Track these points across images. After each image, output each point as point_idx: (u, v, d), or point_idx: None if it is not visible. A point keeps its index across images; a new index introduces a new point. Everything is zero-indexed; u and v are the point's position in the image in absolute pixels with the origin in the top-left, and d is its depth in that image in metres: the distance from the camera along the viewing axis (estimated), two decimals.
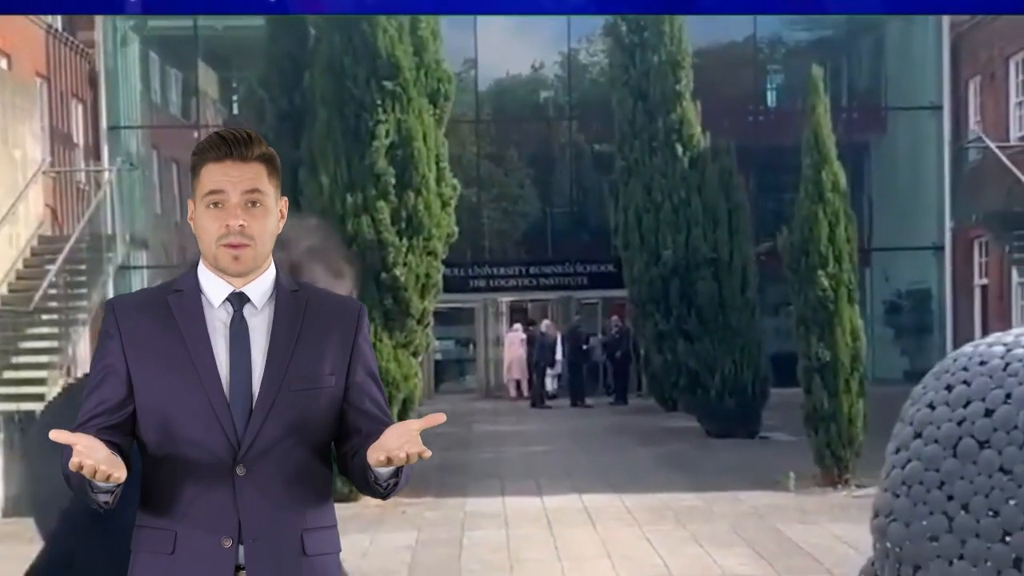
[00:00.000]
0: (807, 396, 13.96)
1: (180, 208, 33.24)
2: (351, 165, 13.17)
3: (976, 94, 27.91)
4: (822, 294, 13.73)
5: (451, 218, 13.76)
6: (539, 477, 15.28)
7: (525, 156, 32.16)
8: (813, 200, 13.83)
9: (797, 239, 13.92)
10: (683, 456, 17.02)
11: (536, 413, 24.59)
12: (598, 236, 30.28)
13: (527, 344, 26.91)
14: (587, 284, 29.05)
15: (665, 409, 22.90)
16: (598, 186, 31.01)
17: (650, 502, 13.34)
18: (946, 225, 28.60)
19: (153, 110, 32.30)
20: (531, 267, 29.56)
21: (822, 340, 13.76)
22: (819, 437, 13.86)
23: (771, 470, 15.24)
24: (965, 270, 28.16)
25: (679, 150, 18.77)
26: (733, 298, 18.50)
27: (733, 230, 18.69)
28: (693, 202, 18.63)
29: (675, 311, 18.72)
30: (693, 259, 18.54)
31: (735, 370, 18.46)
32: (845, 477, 13.85)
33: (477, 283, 29.19)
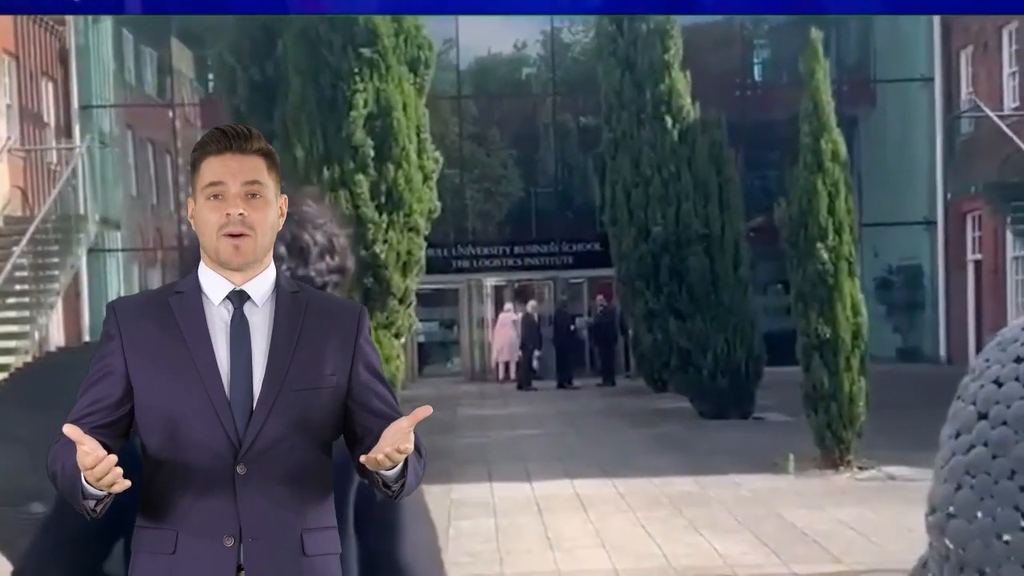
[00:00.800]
0: (806, 374, 13.39)
1: (157, 190, 32.56)
2: (327, 137, 12.55)
3: (968, 65, 27.35)
4: (821, 268, 13.15)
5: (433, 192, 13.14)
6: (528, 462, 14.70)
7: (508, 136, 31.51)
8: (812, 170, 13.25)
9: (795, 211, 13.33)
10: (676, 438, 16.46)
11: (523, 395, 24.00)
12: (583, 215, 29.77)
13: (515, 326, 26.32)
14: (573, 264, 28.47)
15: (655, 390, 22.33)
16: (582, 164, 30.46)
17: (644, 487, 12.77)
18: (938, 199, 28.09)
19: (127, 89, 31.54)
20: (516, 247, 28.95)
21: (822, 316, 13.19)
22: (819, 417, 13.31)
23: (768, 452, 14.69)
24: (958, 245, 27.65)
25: (668, 122, 18.16)
26: (725, 275, 17.93)
27: (724, 204, 18.11)
28: (683, 176, 18.03)
29: (666, 289, 18.13)
30: (684, 235, 17.95)
31: (728, 349, 17.90)
32: (847, 459, 13.30)
33: (461, 264, 28.61)
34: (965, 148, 26.69)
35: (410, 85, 12.62)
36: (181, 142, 32.40)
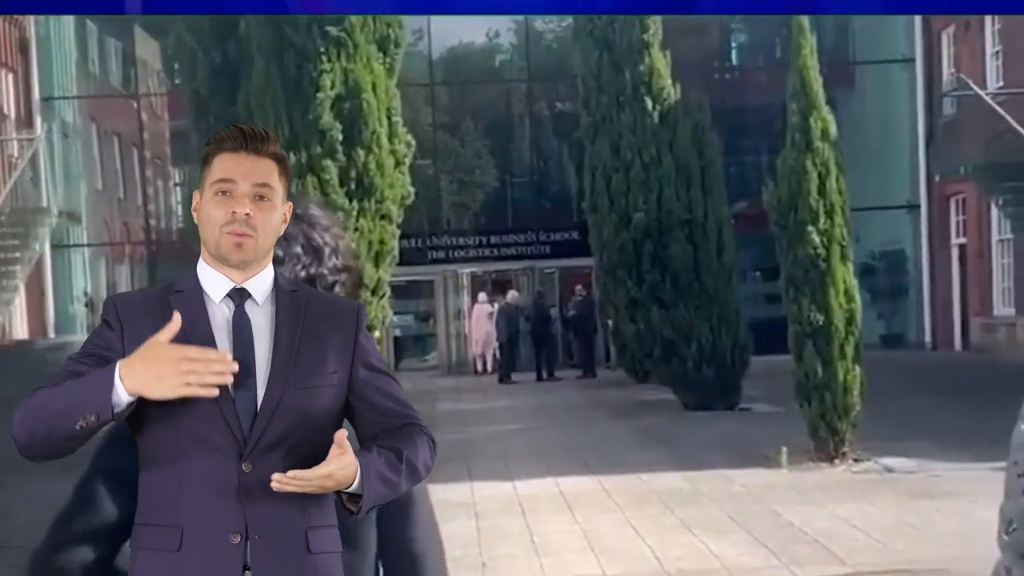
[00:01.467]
0: (798, 364, 12.84)
1: (124, 184, 31.82)
2: (293, 120, 11.91)
3: (950, 45, 26.88)
4: (813, 252, 12.60)
5: (406, 178, 12.52)
6: (510, 459, 14.10)
7: (482, 126, 30.90)
8: (800, 150, 12.69)
9: (784, 193, 12.77)
10: (661, 431, 15.90)
11: (502, 389, 23.40)
12: (560, 203, 29.30)
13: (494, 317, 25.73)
14: (550, 253, 27.92)
15: (636, 381, 21.80)
16: (558, 152, 29.94)
17: (631, 484, 12.19)
18: (921, 183, 27.63)
19: (91, 80, 30.78)
20: (492, 236, 28.36)
21: (814, 302, 12.63)
22: (812, 408, 12.75)
23: (758, 444, 14.15)
24: (942, 229, 27.21)
25: (648, 104, 17.57)
26: (709, 261, 17.37)
27: (707, 189, 17.54)
28: (664, 160, 17.45)
29: (648, 277, 17.56)
30: (666, 221, 17.37)
31: (713, 338, 17.35)
32: (842, 451, 12.76)
33: (436, 254, 28.05)
34: (948, 130, 26.20)
35: (379, 65, 11.99)
36: (148, 135, 31.69)
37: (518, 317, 25.06)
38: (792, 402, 17.89)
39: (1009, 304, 24.67)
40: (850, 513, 10.39)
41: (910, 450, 13.27)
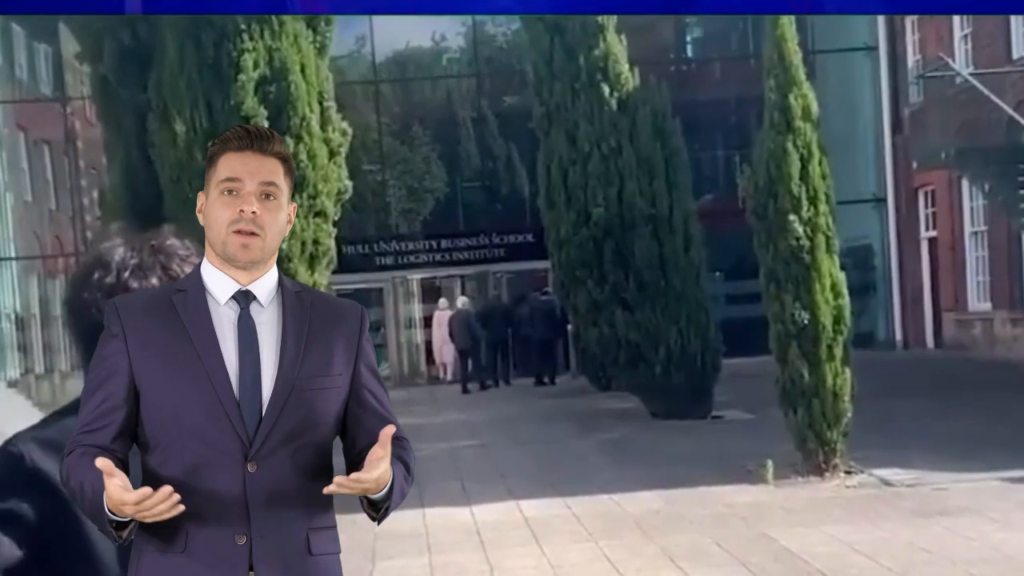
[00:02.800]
0: (782, 367, 11.62)
1: (56, 195, 30.28)
2: (212, 107, 10.57)
3: (915, 31, 25.86)
4: (796, 244, 11.40)
5: (342, 170, 11.19)
6: (466, 480, 12.79)
7: (430, 131, 29.59)
8: (780, 130, 11.48)
9: (762, 179, 11.56)
10: (631, 444, 14.63)
11: (458, 401, 22.03)
12: (513, 205, 28.07)
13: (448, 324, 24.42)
14: (504, 256, 26.61)
15: (599, 389, 20.57)
16: (508, 153, 28.70)
17: (603, 506, 10.93)
18: (888, 175, 26.58)
19: (16, 86, 29.21)
20: (442, 240, 27.03)
21: (798, 300, 11.43)
22: (798, 416, 11.54)
23: (737, 456, 12.96)
24: (910, 222, 26.17)
25: (605, 91, 16.29)
26: (675, 258, 16.13)
27: (671, 181, 16.30)
28: (625, 150, 16.19)
29: (610, 277, 16.28)
30: (628, 216, 16.11)
31: (682, 341, 16.12)
32: (833, 462, 11.56)
33: (384, 261, 26.70)
34: (917, 118, 25.19)
35: (308, 43, 10.65)
36: (81, 142, 30.13)
37: (472, 323, 23.79)
38: (766, 408, 16.84)
39: (985, 299, 23.65)
40: (852, 536, 9.17)
41: (905, 459, 12.10)
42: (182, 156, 10.47)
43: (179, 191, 10.55)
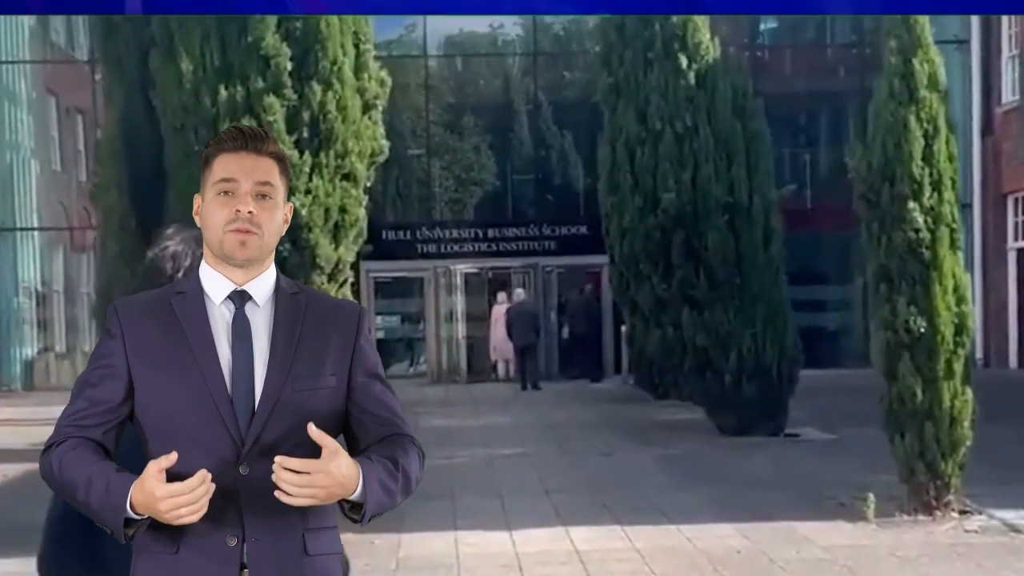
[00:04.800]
0: (889, 383, 9.75)
1: (87, 166, 28.88)
2: (225, 43, 8.88)
3: (1012, 25, 23.81)
4: (915, 236, 9.53)
5: (377, 127, 9.47)
6: (506, 497, 11.01)
7: (481, 115, 27.90)
8: (900, 101, 9.62)
9: (877, 158, 9.70)
10: (697, 462, 12.80)
11: (499, 402, 20.21)
12: (565, 196, 26.38)
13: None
14: (554, 249, 24.83)
15: (655, 396, 18.74)
16: (562, 143, 26.96)
17: (669, 539, 9.12)
18: (975, 178, 24.50)
19: (49, 48, 27.81)
20: (489, 230, 25.28)
21: (914, 303, 9.56)
22: (906, 442, 9.67)
23: (821, 484, 11.15)
24: (997, 230, 24.12)
25: (683, 62, 14.44)
26: (753, 254, 14.27)
27: (752, 167, 14.45)
28: (702, 131, 14.34)
29: (678, 272, 14.44)
30: (702, 204, 14.27)
31: (756, 348, 14.26)
32: (945, 499, 9.68)
33: (426, 248, 24.96)
34: (1009, 118, 23.17)
35: None
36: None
37: (536, 317, 22.55)
38: (845, 426, 15.02)
39: None
40: None
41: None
42: (187, 100, 8.80)
43: (182, 141, 8.89)
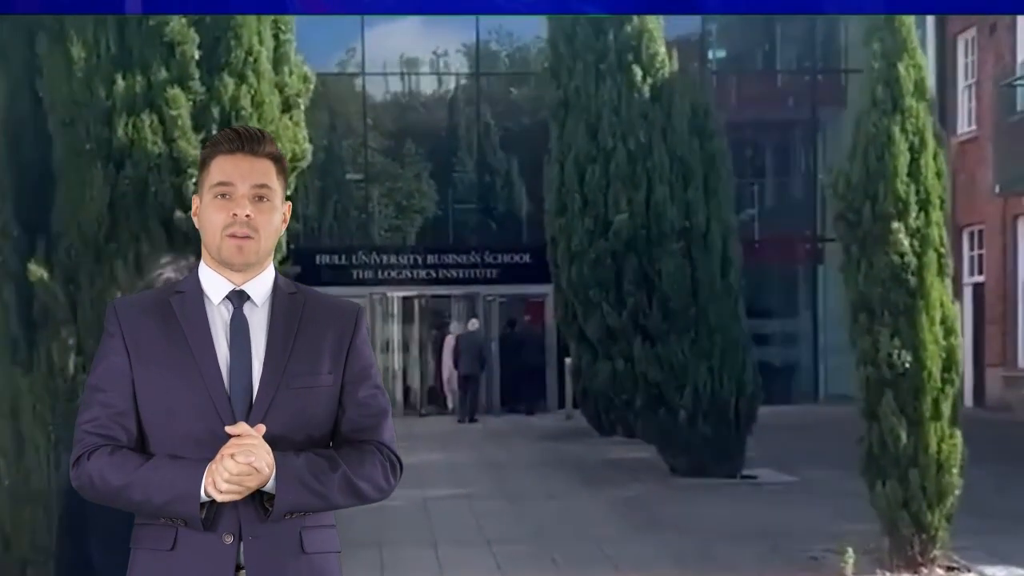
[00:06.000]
0: (869, 424, 8.77)
1: None
2: (124, 28, 7.78)
3: (969, 53, 23.16)
4: (899, 261, 8.57)
5: (299, 129, 8.36)
6: (441, 547, 9.87)
7: (422, 141, 26.90)
8: (884, 110, 8.68)
9: (857, 173, 8.74)
10: (650, 509, 11.73)
11: (435, 438, 19.01)
12: (508, 223, 25.39)
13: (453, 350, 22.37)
14: (496, 278, 23.77)
15: (600, 432, 17.66)
16: (506, 168, 25.99)
17: None
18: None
19: None
20: (429, 256, 24.19)
21: (897, 335, 8.59)
22: (887, 490, 8.66)
23: (789, 533, 10.17)
24: (954, 266, 23.36)
25: (637, 75, 13.45)
26: (711, 282, 13.27)
27: (710, 189, 13.48)
28: (657, 149, 13.33)
29: (630, 300, 13.41)
30: (656, 228, 13.25)
31: (712, 383, 13.25)
32: (931, 554, 8.68)
33: (362, 274, 23.81)
34: (965, 150, 22.50)
35: None
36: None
37: (483, 347, 21.97)
38: (804, 468, 14.05)
39: None
40: None
41: (1008, 553, 9.25)
42: (79, 91, 7.68)
43: (72, 138, 7.76)
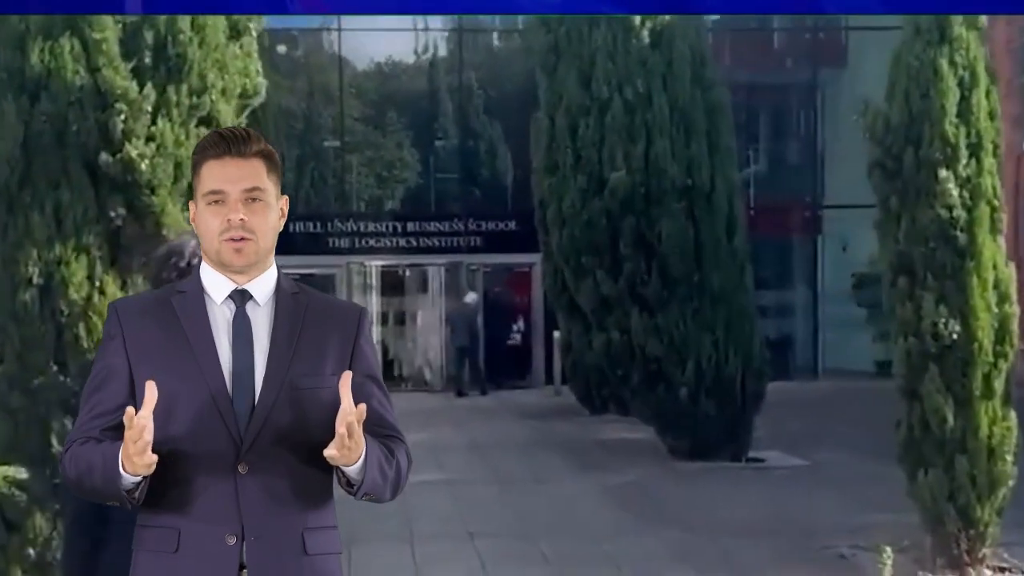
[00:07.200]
0: (911, 403, 7.63)
1: None
2: None
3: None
4: (947, 215, 7.42)
5: (252, 61, 7.19)
6: (418, 542, 8.72)
7: (404, 106, 25.70)
8: (929, 40, 7.51)
9: (897, 113, 7.57)
10: (650, 497, 10.60)
11: (416, 416, 17.80)
12: (492, 189, 24.22)
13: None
14: (480, 246, 22.59)
15: (590, 411, 16.58)
16: (489, 132, 24.77)
17: None
18: None
19: None
20: (409, 223, 22.99)
21: (943, 301, 7.44)
22: (930, 479, 7.53)
23: (808, 525, 9.08)
24: None
25: (635, 18, 12.23)
26: (715, 246, 12.11)
27: (714, 144, 12.30)
28: (656, 99, 12.14)
29: (627, 266, 12.23)
30: (656, 186, 12.07)
31: (717, 357, 12.11)
32: (979, 553, 7.55)
33: (339, 243, 22.61)
34: None
35: None
36: None
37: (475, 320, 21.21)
38: (815, 450, 12.96)
39: None
40: None
41: None
42: None
43: None
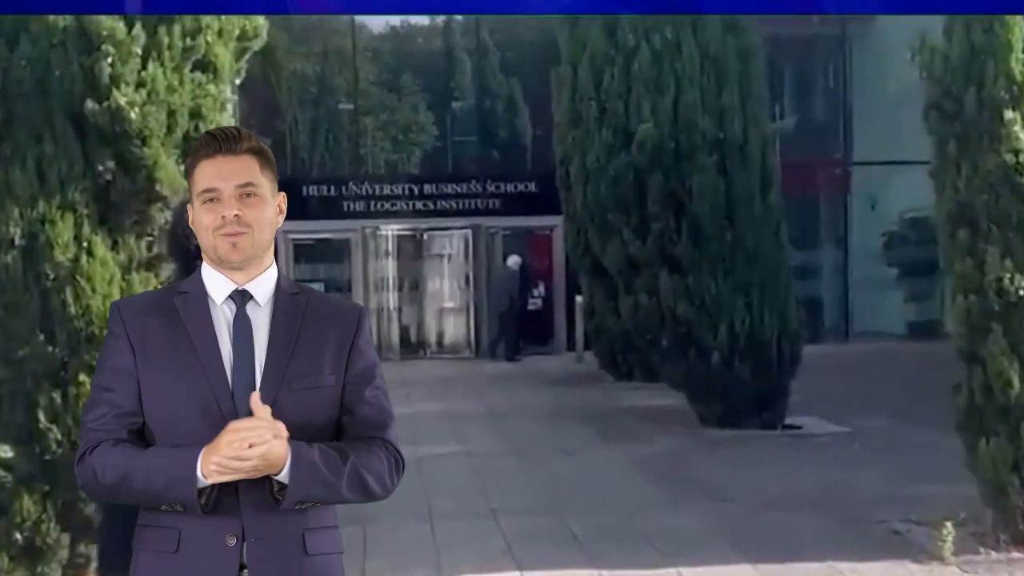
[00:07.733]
0: (971, 367, 7.02)
1: None
2: None
3: None
4: (1013, 161, 6.78)
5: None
6: (437, 520, 8.15)
7: (422, 77, 25.05)
8: None
9: (957, 49, 6.92)
10: (686, 469, 10.00)
11: (429, 384, 17.30)
12: (511, 150, 23.55)
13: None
14: (498, 209, 21.96)
15: (615, 377, 16.01)
16: (507, 91, 24.11)
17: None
18: None
19: None
20: (425, 186, 22.36)
21: (1009, 255, 6.80)
22: (995, 449, 6.92)
23: (857, 501, 8.45)
24: None
25: None
26: (749, 202, 11.47)
27: (746, 94, 11.64)
28: (686, 47, 11.49)
29: (655, 224, 11.60)
30: (686, 139, 11.43)
31: (751, 320, 11.49)
32: None
33: (354, 206, 21.99)
34: None
35: None
36: None
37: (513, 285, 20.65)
38: (855, 416, 12.36)
39: None
40: None
41: None
42: None
43: None
